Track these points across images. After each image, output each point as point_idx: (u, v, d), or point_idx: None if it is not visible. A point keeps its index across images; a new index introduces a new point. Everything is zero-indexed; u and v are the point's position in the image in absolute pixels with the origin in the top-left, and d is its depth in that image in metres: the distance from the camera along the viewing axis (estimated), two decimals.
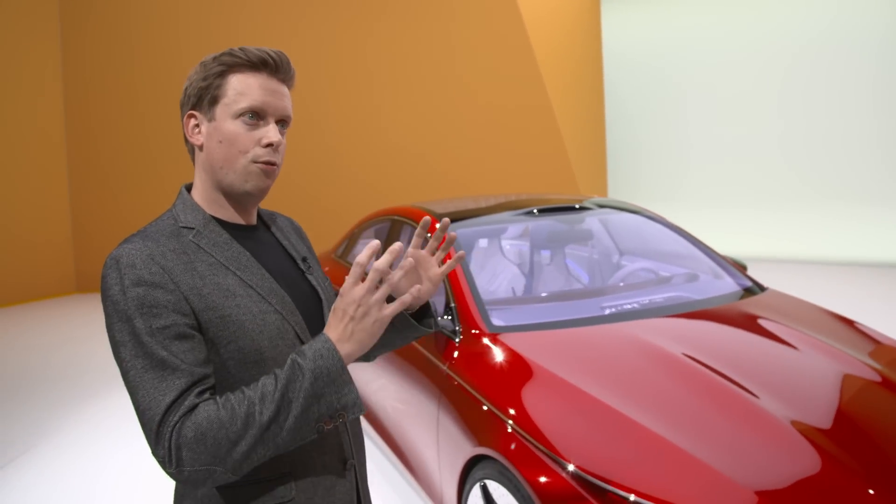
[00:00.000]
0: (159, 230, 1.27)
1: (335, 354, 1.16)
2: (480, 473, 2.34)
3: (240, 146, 1.28)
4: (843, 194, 10.80)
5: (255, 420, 1.12)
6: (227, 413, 1.12)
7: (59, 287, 10.15)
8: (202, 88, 1.30)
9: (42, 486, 3.91)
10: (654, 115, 12.57)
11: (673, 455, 1.97)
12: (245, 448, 1.11)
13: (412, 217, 3.80)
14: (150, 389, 1.13)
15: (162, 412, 1.11)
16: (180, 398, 1.13)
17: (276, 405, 1.13)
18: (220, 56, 1.30)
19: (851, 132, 10.72)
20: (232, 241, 1.32)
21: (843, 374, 2.44)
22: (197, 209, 1.32)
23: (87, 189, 10.29)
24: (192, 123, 1.33)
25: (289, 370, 1.15)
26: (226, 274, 1.26)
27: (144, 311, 1.15)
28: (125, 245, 1.21)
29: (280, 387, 1.14)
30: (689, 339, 2.69)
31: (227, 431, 1.11)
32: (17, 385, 5.80)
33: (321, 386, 1.15)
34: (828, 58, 10.84)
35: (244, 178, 1.30)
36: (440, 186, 9.11)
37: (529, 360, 2.56)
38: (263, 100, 1.29)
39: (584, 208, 3.88)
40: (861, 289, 8.25)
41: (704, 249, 3.72)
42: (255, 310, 1.26)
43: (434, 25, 9.21)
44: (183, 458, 1.09)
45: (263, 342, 1.25)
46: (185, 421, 1.11)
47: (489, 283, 3.90)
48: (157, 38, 9.94)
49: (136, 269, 1.17)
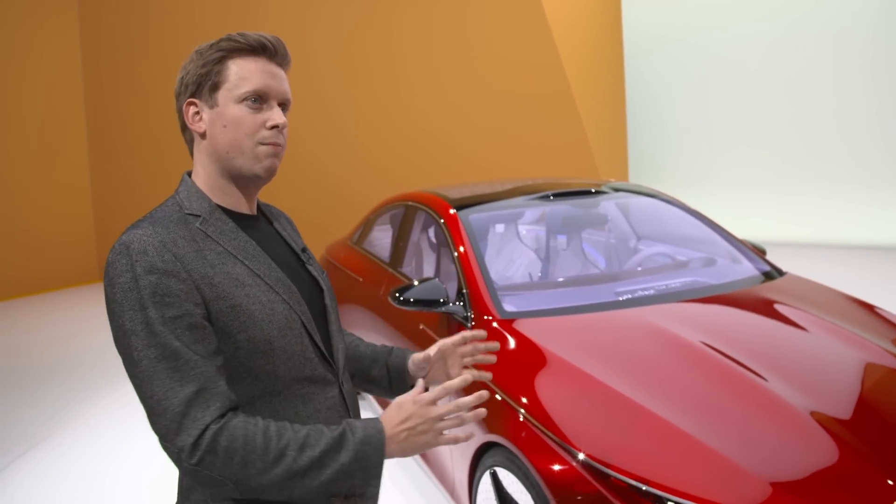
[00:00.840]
0: (166, 216, 1.25)
1: (382, 447, 1.18)
2: (491, 461, 2.33)
3: (245, 129, 1.27)
4: (870, 177, 10.59)
5: (285, 462, 1.13)
6: (263, 441, 1.12)
7: (82, 276, 10.27)
8: (201, 75, 1.29)
9: (59, 473, 3.96)
10: (677, 96, 12.38)
11: (685, 444, 1.94)
12: (264, 481, 1.12)
13: (427, 203, 3.77)
14: (165, 380, 1.12)
15: (183, 403, 1.11)
16: (203, 394, 1.12)
17: (311, 461, 1.14)
18: (217, 42, 1.30)
19: (878, 115, 10.49)
20: (238, 230, 1.30)
21: (862, 361, 2.38)
22: (202, 196, 1.30)
23: (109, 178, 10.38)
24: (192, 111, 1.31)
25: (337, 437, 1.16)
26: (234, 263, 1.25)
27: (157, 300, 1.13)
28: (134, 230, 1.19)
29: (323, 447, 1.15)
30: (704, 324, 2.64)
31: (256, 458, 1.11)
32: (37, 375, 5.89)
33: (356, 468, 1.16)
34: (857, 36, 10.59)
35: (253, 160, 1.29)
36: (457, 171, 9.05)
37: (541, 347, 2.53)
38: (266, 83, 1.29)
39: (600, 192, 3.83)
40: (883, 273, 8.10)
41: (722, 233, 3.65)
42: (264, 299, 1.25)
43: (451, 8, 9.13)
44: (205, 459, 1.10)
45: (273, 332, 1.24)
46: (224, 429, 1.11)
47: (505, 268, 3.87)
48: (174, 29, 9.96)
49: (149, 256, 1.15)
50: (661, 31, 12.38)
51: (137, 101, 10.16)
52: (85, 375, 5.71)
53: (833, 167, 10.89)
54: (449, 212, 3.45)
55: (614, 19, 10.31)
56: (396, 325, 3.51)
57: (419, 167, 9.26)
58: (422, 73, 9.35)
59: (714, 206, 7.54)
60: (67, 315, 8.23)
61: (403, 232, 4.05)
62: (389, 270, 4.02)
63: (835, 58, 10.77)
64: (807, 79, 11.06)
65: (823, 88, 10.91)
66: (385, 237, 4.63)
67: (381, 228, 4.75)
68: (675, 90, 12.40)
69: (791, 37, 11.13)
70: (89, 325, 7.61)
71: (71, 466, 4.04)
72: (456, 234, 3.25)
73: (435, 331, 3.08)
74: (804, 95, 11.11)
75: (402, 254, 4.02)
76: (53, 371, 5.88)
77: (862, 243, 9.88)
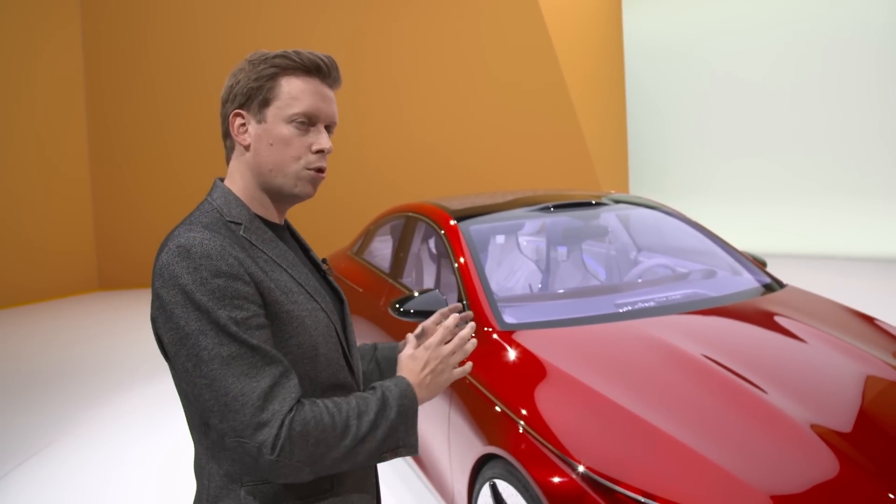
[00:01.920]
0: (211, 222, 1.24)
1: (415, 398, 1.28)
2: (490, 472, 2.32)
3: (292, 151, 1.28)
4: (871, 189, 10.60)
5: (350, 432, 1.18)
6: (330, 418, 1.17)
7: (83, 285, 10.27)
8: (252, 89, 1.28)
9: (62, 480, 3.95)
10: (678, 108, 12.40)
11: (686, 456, 1.93)
12: (336, 455, 1.17)
13: (428, 214, 3.77)
14: (241, 377, 1.13)
15: (260, 397, 1.12)
16: (279, 384, 1.15)
17: (370, 425, 1.20)
18: (272, 58, 1.28)
19: (879, 127, 10.51)
20: (276, 240, 1.32)
21: (863, 373, 2.38)
22: (241, 205, 1.30)
23: (109, 187, 10.40)
24: (238, 122, 1.30)
25: (381, 399, 1.24)
26: (280, 271, 1.27)
27: (227, 303, 1.14)
28: (190, 234, 1.18)
29: (374, 409, 1.22)
30: (705, 337, 2.64)
31: (327, 435, 1.16)
32: (40, 382, 5.88)
33: (400, 422, 1.24)
34: (860, 48, 10.63)
35: (294, 183, 1.30)
36: (458, 182, 9.07)
37: (542, 359, 2.53)
38: (317, 105, 1.29)
39: (600, 204, 3.83)
40: (884, 285, 8.09)
41: (723, 245, 3.65)
42: (309, 307, 1.27)
43: (453, 20, 9.17)
44: (285, 449, 1.11)
45: (318, 338, 1.27)
46: (295, 415, 1.14)
47: (505, 279, 3.87)
48: (176, 40, 10.01)
49: (213, 260, 1.15)
50: (662, 44, 12.43)
51: (138, 111, 10.20)
52: (86, 384, 5.70)
53: (834, 179, 10.90)
54: (449, 223, 3.45)
55: (615, 32, 10.35)
56: (397, 336, 3.51)
57: (420, 178, 9.28)
58: (423, 84, 9.38)
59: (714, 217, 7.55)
60: (69, 323, 8.23)
61: (404, 243, 4.06)
62: (390, 281, 4.02)
63: (837, 70, 10.81)
64: (807, 90, 11.09)
65: (824, 100, 10.94)
66: (385, 248, 4.64)
67: (381, 239, 4.76)
68: (675, 102, 12.43)
69: (791, 49, 11.17)
70: (90, 333, 7.61)
71: (72, 475, 4.02)
72: (456, 246, 3.25)
73: None
74: (804, 107, 11.14)
75: (403, 265, 4.02)
76: (55, 379, 5.87)
77: (863, 255, 9.88)
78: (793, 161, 11.28)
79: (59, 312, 8.92)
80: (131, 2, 10.14)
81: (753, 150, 11.66)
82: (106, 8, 10.20)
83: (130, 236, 10.20)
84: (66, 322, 8.34)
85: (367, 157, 9.60)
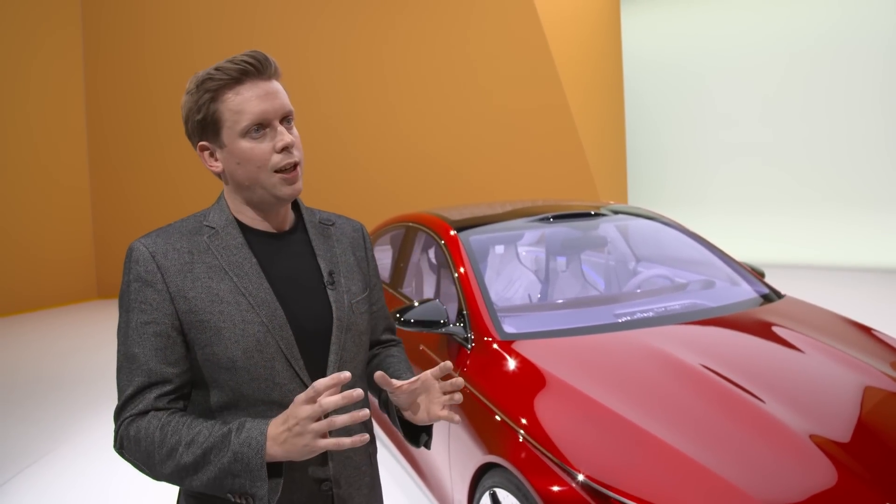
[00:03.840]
0: (181, 227, 1.35)
1: (260, 450, 1.16)
2: (490, 481, 2.33)
3: (258, 161, 1.30)
4: (868, 200, 10.64)
5: (175, 457, 1.20)
6: (160, 436, 1.21)
7: (82, 293, 10.28)
8: (200, 121, 1.31)
9: (60, 490, 3.95)
10: (675, 120, 12.46)
11: (685, 465, 1.95)
12: (165, 472, 1.22)
13: (428, 224, 3.79)
14: (123, 376, 1.28)
15: (124, 399, 1.26)
16: (139, 394, 1.25)
17: (196, 458, 1.19)
18: (202, 83, 1.30)
19: (876, 137, 10.56)
20: (243, 246, 1.33)
21: (861, 384, 2.39)
22: (224, 210, 1.37)
23: (109, 196, 10.43)
24: (206, 154, 1.35)
25: (221, 437, 1.19)
26: (222, 278, 1.30)
27: (136, 306, 1.27)
28: (142, 238, 1.32)
29: (206, 445, 1.19)
30: (704, 347, 2.65)
31: (154, 450, 1.21)
32: (38, 390, 5.87)
33: (238, 469, 1.17)
34: (853, 60, 10.69)
35: (272, 191, 1.32)
36: (457, 192, 9.10)
37: (541, 368, 2.54)
38: (260, 109, 1.29)
39: (599, 214, 3.86)
40: (885, 295, 8.11)
41: (721, 256, 3.67)
42: (238, 318, 1.28)
43: (452, 30, 9.22)
44: (123, 446, 1.25)
45: (237, 352, 1.27)
46: (135, 421, 1.24)
47: (505, 289, 3.88)
48: (175, 45, 10.05)
49: (138, 265, 1.28)
50: (660, 58, 12.50)
51: (138, 119, 10.24)
52: (85, 392, 5.70)
53: (832, 189, 10.94)
54: (450, 233, 3.47)
55: (614, 45, 10.41)
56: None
57: (419, 189, 9.31)
58: (423, 95, 9.42)
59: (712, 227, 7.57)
60: (67, 332, 8.22)
61: (404, 253, 4.08)
62: (390, 291, 4.03)
63: (832, 77, 10.87)
64: (805, 99, 11.15)
65: (822, 110, 10.99)
66: (385, 258, 4.65)
67: (381, 249, 4.78)
68: (673, 114, 12.49)
69: (790, 61, 11.24)
70: (90, 342, 7.61)
71: (71, 484, 4.02)
72: (456, 256, 3.27)
73: (435, 351, 3.09)
74: (802, 117, 11.19)
75: (403, 274, 4.04)
76: (54, 388, 5.87)
77: (862, 265, 9.90)
78: (790, 171, 11.32)
79: (58, 321, 8.92)
80: (131, 11, 10.19)
81: (750, 162, 11.71)
82: (105, 17, 10.25)
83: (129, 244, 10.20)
84: (66, 330, 8.33)
85: (365, 168, 9.63)
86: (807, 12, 11.10)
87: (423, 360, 3.17)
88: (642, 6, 12.54)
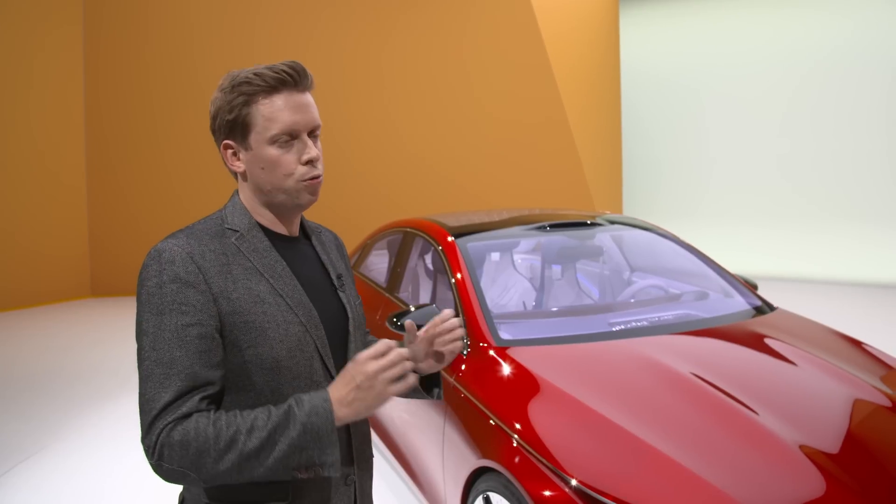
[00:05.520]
0: (205, 229, 1.33)
1: (330, 416, 1.20)
2: (484, 486, 2.35)
3: (283, 170, 1.33)
4: (859, 215, 10.73)
5: (237, 446, 1.17)
6: (214, 431, 1.17)
7: (75, 291, 10.26)
8: (230, 121, 1.33)
9: (52, 486, 3.95)
10: (671, 133, 12.56)
11: (677, 472, 1.97)
12: (221, 468, 1.17)
13: (425, 230, 3.82)
14: (155, 383, 1.20)
15: (160, 408, 1.18)
16: (179, 399, 1.19)
17: (261, 441, 1.17)
18: (239, 85, 1.31)
19: (868, 151, 10.67)
20: (271, 249, 1.36)
21: (850, 396, 2.43)
22: (244, 213, 1.38)
23: (104, 194, 10.41)
24: (229, 153, 1.37)
25: (283, 414, 1.19)
26: (259, 280, 1.31)
27: (174, 308, 1.22)
28: (170, 240, 1.28)
29: (270, 426, 1.18)
30: (696, 357, 2.68)
31: (209, 447, 1.16)
32: (32, 386, 5.86)
33: (307, 440, 1.19)
34: (844, 74, 10.82)
35: (294, 197, 1.35)
36: (455, 199, 9.14)
37: (536, 375, 2.57)
38: (293, 120, 1.32)
39: (595, 224, 3.89)
40: (876, 310, 8.18)
41: (715, 268, 3.71)
42: (280, 319, 1.30)
43: (451, 40, 9.27)
44: (164, 455, 1.16)
45: (282, 351, 1.29)
46: (177, 425, 1.17)
47: (500, 296, 3.91)
48: (175, 46, 10.07)
49: (175, 266, 1.24)
50: (657, 71, 12.61)
51: (136, 116, 10.24)
52: (81, 389, 5.69)
53: (825, 204, 11.03)
54: (447, 239, 3.50)
55: (612, 58, 10.49)
56: None
57: (417, 195, 9.34)
58: (421, 104, 9.46)
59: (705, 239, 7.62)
60: (62, 329, 8.20)
61: (401, 258, 4.10)
62: (386, 295, 4.06)
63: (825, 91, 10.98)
64: (799, 114, 11.26)
65: (816, 123, 11.10)
66: (382, 262, 4.68)
67: (378, 254, 4.80)
68: (668, 127, 12.59)
69: (784, 75, 11.35)
70: (85, 339, 7.59)
71: (65, 480, 4.02)
72: (454, 262, 3.30)
73: None
74: (795, 133, 11.29)
75: (400, 279, 4.06)
76: (48, 385, 5.85)
77: (853, 280, 9.97)
78: (784, 185, 11.42)
79: (52, 318, 8.90)
80: (132, 8, 10.21)
81: (744, 175, 11.81)
82: (106, 15, 10.26)
83: (124, 243, 10.20)
84: (59, 328, 8.31)
85: (363, 174, 9.66)
86: (803, 29, 11.22)
87: None
88: (640, 19, 12.64)
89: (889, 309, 8.22)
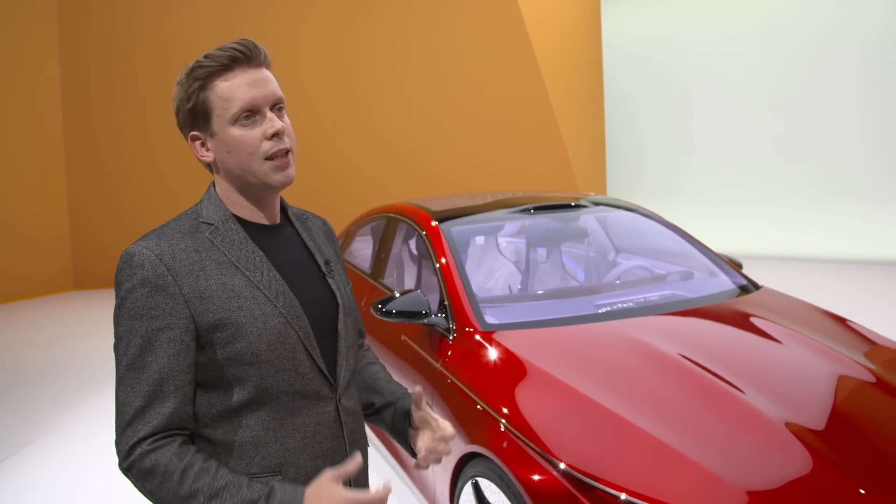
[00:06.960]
0: (177, 227, 1.30)
1: None
2: (472, 471, 2.35)
3: (248, 149, 1.29)
4: (843, 192, 10.79)
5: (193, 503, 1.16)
6: (179, 476, 1.17)
7: (57, 284, 10.15)
8: (190, 110, 1.31)
9: (41, 481, 3.92)
10: (654, 113, 12.56)
11: (665, 454, 1.97)
12: None
13: (409, 215, 3.79)
14: (127, 388, 1.21)
15: (132, 412, 1.19)
16: (149, 406, 1.19)
17: None
18: (192, 71, 1.29)
19: (852, 129, 10.71)
20: (247, 240, 1.33)
21: (835, 373, 2.44)
22: (219, 206, 1.34)
23: (85, 185, 10.29)
24: (198, 144, 1.34)
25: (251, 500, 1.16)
26: (234, 273, 1.28)
27: (144, 313, 1.21)
28: (140, 242, 1.26)
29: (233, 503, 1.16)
30: (682, 337, 2.69)
31: (168, 490, 1.17)
32: (16, 381, 5.81)
33: None
34: (828, 54, 10.83)
35: (264, 179, 1.31)
36: (438, 183, 9.11)
37: (523, 359, 2.56)
38: (250, 95, 1.28)
39: (580, 206, 3.88)
40: (860, 286, 8.25)
41: (700, 247, 3.71)
42: (258, 312, 1.27)
43: (434, 22, 9.20)
44: (132, 471, 1.19)
45: (261, 346, 1.26)
46: (151, 453, 1.17)
47: (486, 280, 3.90)
48: (156, 34, 9.93)
49: (144, 270, 1.22)
50: (639, 50, 12.57)
51: (116, 107, 10.10)
52: (67, 383, 5.65)
53: (812, 181, 11.08)
54: (431, 224, 3.47)
55: (594, 37, 10.46)
56: (379, 336, 3.53)
57: (400, 180, 9.30)
58: (404, 86, 9.40)
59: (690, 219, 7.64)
60: (45, 323, 8.13)
61: (385, 244, 4.07)
62: (371, 282, 4.03)
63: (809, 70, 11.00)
64: (783, 92, 11.27)
65: (799, 101, 11.13)
66: (366, 248, 4.65)
67: (362, 240, 4.77)
68: (651, 106, 12.58)
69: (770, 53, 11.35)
70: (68, 332, 7.54)
71: (55, 473, 4.00)
72: (438, 247, 3.28)
73: (417, 342, 3.10)
74: (780, 109, 11.31)
75: (384, 265, 4.04)
76: (32, 379, 5.81)
77: (838, 257, 10.06)
78: (767, 163, 11.46)
79: (35, 312, 8.82)
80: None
81: (728, 154, 11.84)
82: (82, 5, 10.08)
83: (106, 235, 10.09)
84: (43, 322, 8.24)
85: (347, 159, 9.60)
86: (785, 5, 11.21)
87: (404, 351, 3.18)
88: None
89: (876, 285, 8.30)
